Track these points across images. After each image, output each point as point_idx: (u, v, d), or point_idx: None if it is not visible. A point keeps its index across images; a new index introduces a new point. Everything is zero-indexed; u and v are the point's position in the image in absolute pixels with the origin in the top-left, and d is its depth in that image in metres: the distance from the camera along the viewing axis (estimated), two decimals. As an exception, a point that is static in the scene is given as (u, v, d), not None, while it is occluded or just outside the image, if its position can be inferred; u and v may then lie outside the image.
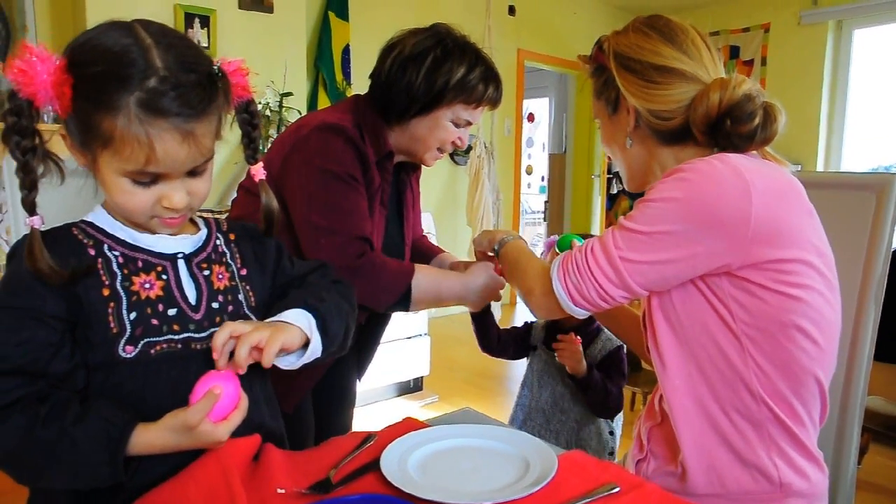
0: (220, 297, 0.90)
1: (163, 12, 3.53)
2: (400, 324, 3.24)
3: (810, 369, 0.97)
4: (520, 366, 1.64)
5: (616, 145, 1.13)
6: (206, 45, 3.65)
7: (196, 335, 0.87)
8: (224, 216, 1.01)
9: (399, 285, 1.29)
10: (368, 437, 1.03)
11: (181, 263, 0.89)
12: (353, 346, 1.57)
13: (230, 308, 0.91)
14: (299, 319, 0.90)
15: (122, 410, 0.80)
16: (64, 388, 0.81)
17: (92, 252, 0.84)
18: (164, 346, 0.84)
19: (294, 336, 0.88)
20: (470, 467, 0.94)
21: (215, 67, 0.82)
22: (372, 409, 3.32)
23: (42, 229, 0.80)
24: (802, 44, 5.72)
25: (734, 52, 6.17)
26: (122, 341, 0.82)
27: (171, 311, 0.86)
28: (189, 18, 3.56)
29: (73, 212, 0.89)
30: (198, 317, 0.88)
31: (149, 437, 0.79)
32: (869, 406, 3.11)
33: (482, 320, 1.54)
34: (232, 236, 0.97)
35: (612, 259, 0.96)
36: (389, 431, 1.05)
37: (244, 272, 0.95)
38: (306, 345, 0.91)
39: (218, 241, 0.95)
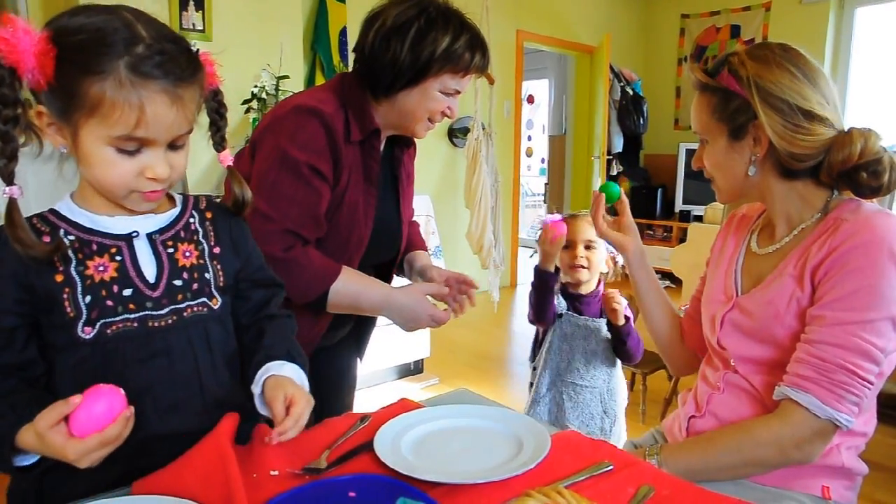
0: (185, 275, 0.91)
1: (157, -6, 3.51)
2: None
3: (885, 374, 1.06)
4: (518, 346, 1.66)
5: (727, 168, 1.14)
6: (201, 28, 3.61)
7: (154, 313, 0.88)
8: (217, 198, 1.01)
9: (316, 289, 1.28)
10: (363, 418, 1.04)
11: (140, 242, 0.89)
12: (351, 328, 1.58)
13: (194, 286, 0.92)
14: (300, 378, 0.96)
15: (17, 410, 0.79)
16: (20, 376, 0.84)
17: (47, 239, 0.84)
18: (120, 325, 0.86)
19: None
20: (463, 447, 0.95)
21: (193, 47, 0.85)
22: (373, 391, 3.33)
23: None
24: (804, 23, 5.67)
25: (735, 31, 6.12)
26: (80, 324, 0.84)
27: (126, 292, 0.87)
28: (183, 1, 3.53)
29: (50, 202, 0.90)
30: (156, 294, 0.88)
31: (26, 437, 0.77)
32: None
33: (546, 289, 1.71)
34: (209, 214, 0.97)
35: (876, 358, 1.00)
36: (384, 412, 1.05)
37: (217, 250, 0.96)
38: None
39: (192, 220, 0.95)
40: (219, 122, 0.95)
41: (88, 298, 0.84)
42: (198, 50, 0.85)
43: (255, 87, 3.62)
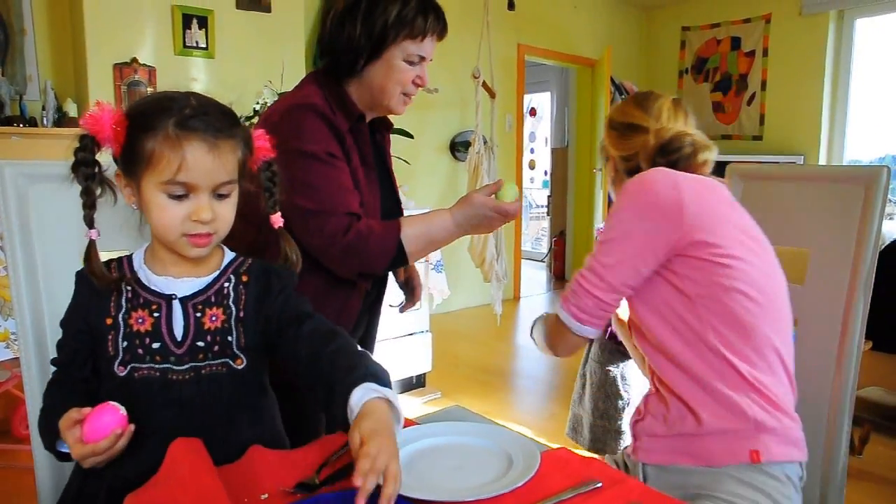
0: (208, 338, 1.01)
1: (161, 13, 3.55)
2: (400, 321, 3.25)
3: (756, 325, 1.15)
4: (522, 360, 1.67)
5: (611, 184, 1.45)
6: (204, 45, 3.66)
7: (175, 367, 1.00)
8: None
9: (390, 246, 1.32)
10: (356, 435, 1.04)
11: (176, 304, 1.01)
12: (360, 337, 1.59)
13: (216, 348, 1.01)
14: (370, 395, 0.87)
15: (67, 406, 0.93)
16: (83, 387, 1.02)
17: (115, 275, 1.01)
18: (146, 372, 0.99)
19: (393, 424, 0.86)
20: (454, 464, 0.95)
21: (240, 116, 1.00)
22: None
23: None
24: (804, 34, 5.69)
25: (735, 44, 6.14)
26: (116, 362, 0.99)
27: (156, 345, 0.99)
28: (187, 19, 3.57)
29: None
30: (180, 352, 1.00)
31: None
32: (868, 397, 3.11)
33: None
34: (245, 278, 1.05)
35: (594, 269, 1.21)
36: (377, 430, 1.05)
37: (242, 314, 1.03)
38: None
39: (227, 283, 1.04)
40: (272, 188, 1.08)
41: (125, 344, 0.99)
42: (243, 117, 0.97)
43: (258, 103, 3.66)
